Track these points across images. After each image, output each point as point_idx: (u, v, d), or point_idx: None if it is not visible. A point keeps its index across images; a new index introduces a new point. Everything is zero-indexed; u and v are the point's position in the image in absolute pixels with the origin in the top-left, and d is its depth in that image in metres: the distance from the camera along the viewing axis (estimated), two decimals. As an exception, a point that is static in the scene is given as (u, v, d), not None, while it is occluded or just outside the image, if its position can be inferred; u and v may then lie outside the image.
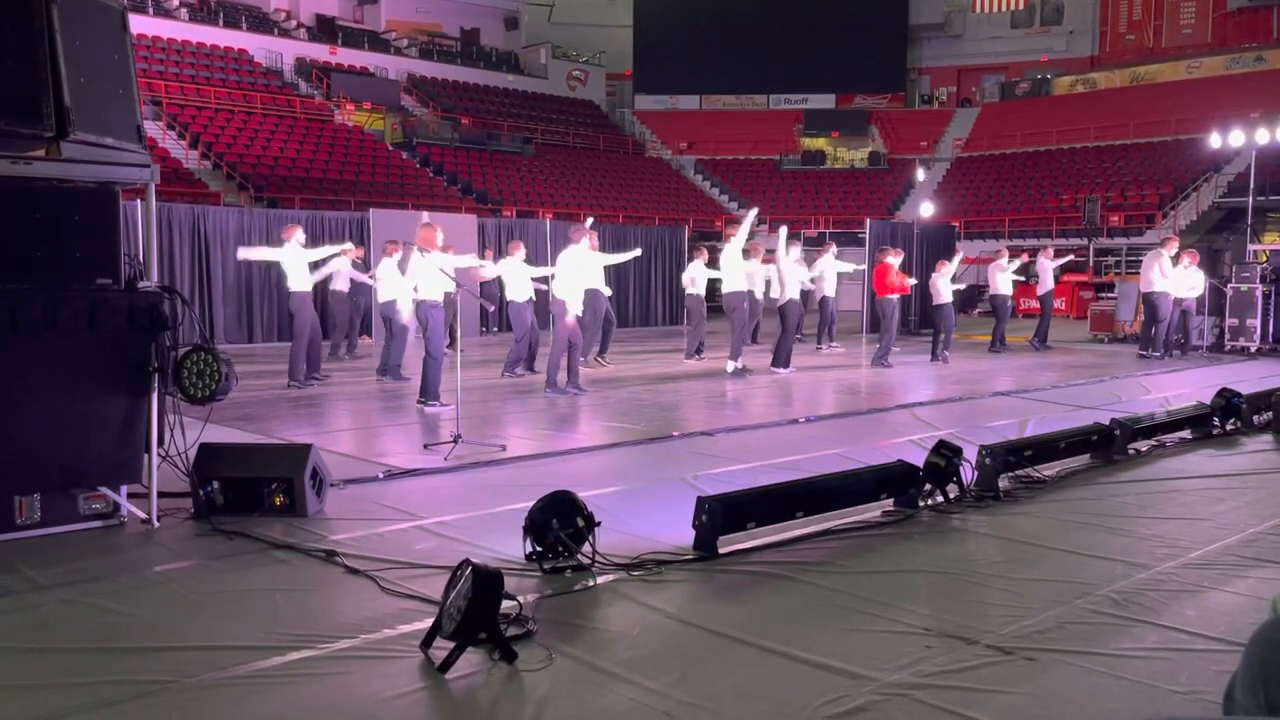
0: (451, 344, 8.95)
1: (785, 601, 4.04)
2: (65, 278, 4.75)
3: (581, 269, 10.15)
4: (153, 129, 24.74)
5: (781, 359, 12.04)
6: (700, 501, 4.65)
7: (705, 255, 13.84)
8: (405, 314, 10.97)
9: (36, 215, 4.70)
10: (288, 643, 3.51)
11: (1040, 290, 16.02)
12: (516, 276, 11.15)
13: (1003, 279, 15.08)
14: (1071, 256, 19.44)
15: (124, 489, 5.11)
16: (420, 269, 8.83)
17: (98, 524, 5.02)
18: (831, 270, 15.43)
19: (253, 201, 23.16)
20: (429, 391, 9.09)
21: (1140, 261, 16.55)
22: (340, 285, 13.54)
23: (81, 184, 4.83)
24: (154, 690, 3.14)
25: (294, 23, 35.47)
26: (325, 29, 35.73)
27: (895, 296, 13.45)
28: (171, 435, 5.20)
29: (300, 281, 10.46)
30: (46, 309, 4.62)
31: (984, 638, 3.56)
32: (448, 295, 9.40)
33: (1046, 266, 15.91)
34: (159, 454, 5.15)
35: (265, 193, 24.05)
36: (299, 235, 10.59)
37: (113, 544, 4.81)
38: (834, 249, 15.85)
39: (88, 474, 4.91)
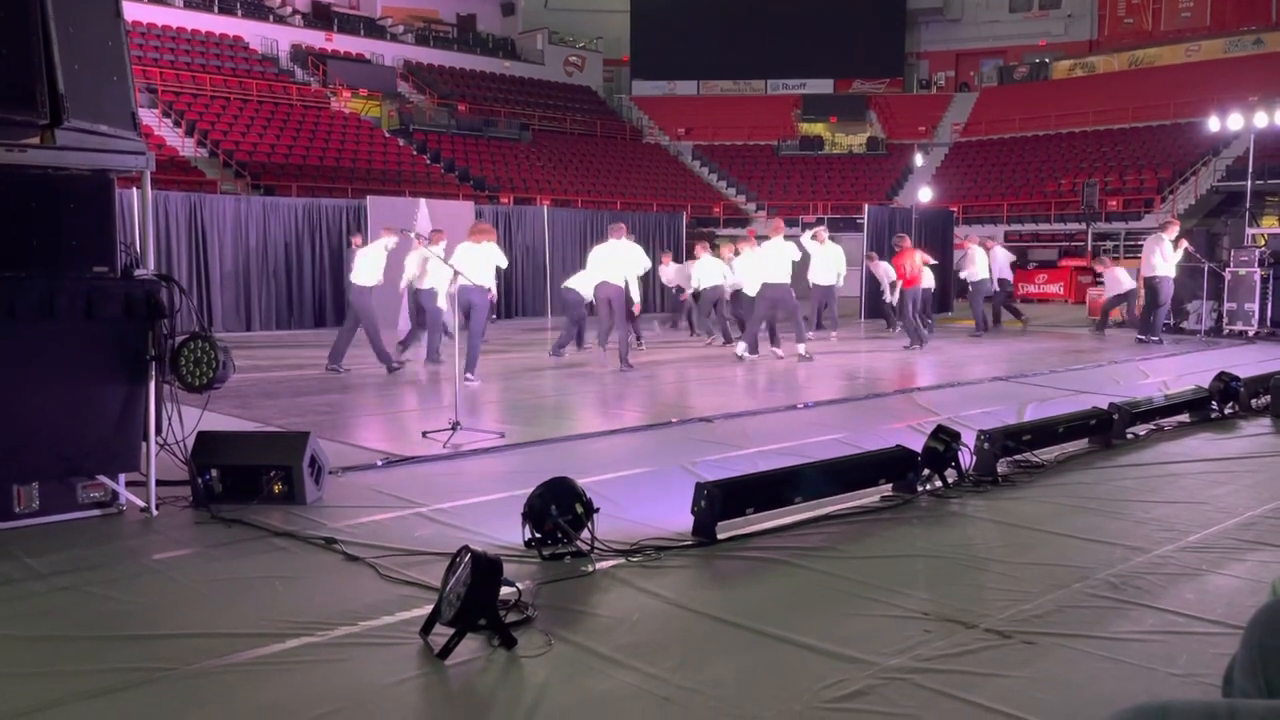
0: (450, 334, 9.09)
1: (784, 586, 4.04)
2: (61, 266, 4.74)
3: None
4: (148, 117, 24.64)
5: (748, 343, 12.13)
6: (699, 487, 4.65)
7: (707, 249, 13.93)
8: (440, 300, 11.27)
9: (32, 203, 4.68)
10: (287, 630, 3.51)
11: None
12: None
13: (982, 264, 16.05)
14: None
15: (122, 477, 5.11)
16: (463, 259, 9.43)
17: (96, 512, 5.02)
18: (821, 257, 14.95)
19: (249, 189, 23.10)
20: (472, 365, 9.88)
21: (1139, 246, 16.73)
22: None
23: (76, 171, 4.80)
24: (154, 678, 3.15)
25: (289, 9, 35.32)
26: (321, 15, 35.60)
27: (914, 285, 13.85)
28: (169, 423, 5.20)
29: (367, 276, 10.67)
30: (44, 297, 4.61)
31: (983, 622, 3.57)
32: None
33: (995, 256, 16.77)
34: (157, 442, 5.14)
35: (262, 180, 23.99)
36: (390, 240, 10.86)
37: (111, 532, 4.80)
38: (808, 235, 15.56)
39: (86, 462, 4.90)
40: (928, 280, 15.01)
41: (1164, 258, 14.02)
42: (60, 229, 4.75)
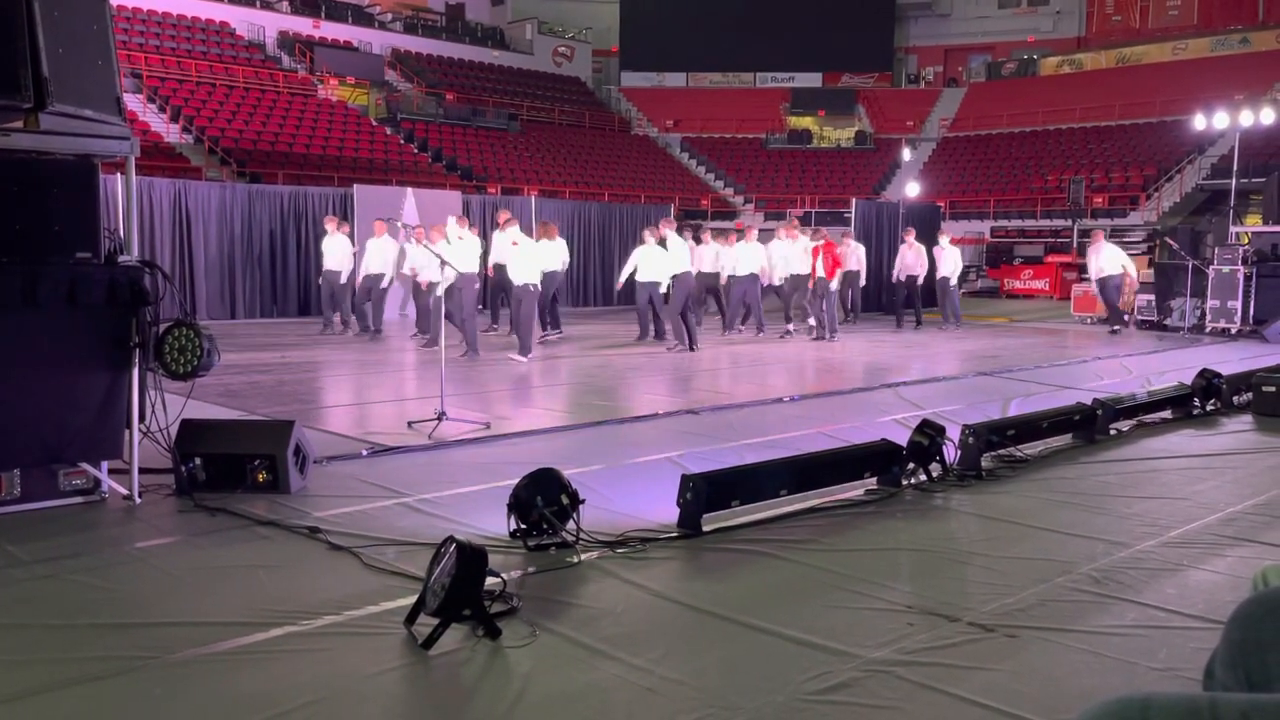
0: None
1: (769, 579, 4.05)
2: (44, 252, 4.70)
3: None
4: (133, 102, 24.43)
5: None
6: (685, 479, 4.65)
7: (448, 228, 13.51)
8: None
9: (15, 188, 4.64)
10: (271, 619, 3.50)
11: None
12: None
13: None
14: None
15: (105, 465, 5.08)
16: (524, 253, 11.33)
17: (79, 500, 4.99)
18: (738, 256, 14.38)
19: (235, 177, 22.93)
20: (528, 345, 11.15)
21: (1125, 242, 17.01)
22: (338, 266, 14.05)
23: (60, 156, 4.76)
24: (136, 666, 3.13)
25: (276, -5, 35.06)
26: (308, 2, 35.29)
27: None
28: (153, 411, 5.16)
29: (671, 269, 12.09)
30: (26, 283, 4.57)
31: (966, 615, 3.59)
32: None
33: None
34: (140, 430, 5.11)
35: (247, 168, 23.82)
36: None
37: (94, 520, 4.78)
38: (741, 238, 14.74)
39: (68, 450, 4.87)
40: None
41: (1108, 260, 15.11)
42: (43, 214, 4.71)
